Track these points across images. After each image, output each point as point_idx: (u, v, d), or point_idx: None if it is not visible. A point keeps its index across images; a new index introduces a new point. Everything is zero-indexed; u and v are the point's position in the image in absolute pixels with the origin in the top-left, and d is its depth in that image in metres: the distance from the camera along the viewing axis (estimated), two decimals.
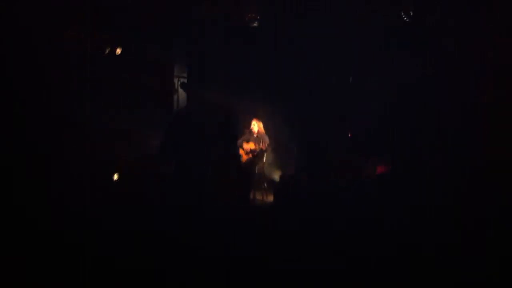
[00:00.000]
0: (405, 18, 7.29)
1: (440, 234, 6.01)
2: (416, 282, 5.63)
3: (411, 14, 7.23)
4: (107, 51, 7.60)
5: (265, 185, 9.08)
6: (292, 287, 5.50)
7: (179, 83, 9.51)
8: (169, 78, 9.18)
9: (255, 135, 8.93)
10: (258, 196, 8.77)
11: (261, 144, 8.83)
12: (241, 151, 8.96)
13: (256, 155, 8.88)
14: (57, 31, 6.54)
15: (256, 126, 8.94)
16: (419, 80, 7.04)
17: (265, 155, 9.06)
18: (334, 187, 7.25)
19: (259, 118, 9.05)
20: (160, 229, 6.41)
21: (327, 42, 8.31)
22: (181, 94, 9.61)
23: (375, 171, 7.32)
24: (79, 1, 6.61)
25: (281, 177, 9.19)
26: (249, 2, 8.48)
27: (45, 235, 5.97)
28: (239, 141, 8.99)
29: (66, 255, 5.85)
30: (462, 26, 6.77)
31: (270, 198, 8.57)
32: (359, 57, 8.09)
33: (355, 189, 6.75)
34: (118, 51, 7.85)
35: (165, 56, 8.66)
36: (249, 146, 8.92)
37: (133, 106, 7.65)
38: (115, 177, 7.12)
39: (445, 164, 6.57)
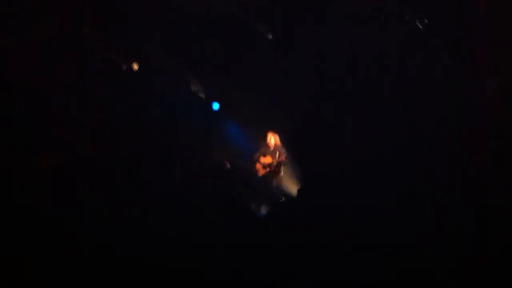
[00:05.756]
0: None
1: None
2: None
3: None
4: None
5: (284, 199, 8.77)
6: None
7: None
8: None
9: (271, 148, 8.73)
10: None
11: (278, 157, 8.67)
12: (258, 166, 8.77)
13: (273, 169, 8.73)
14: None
15: (272, 139, 8.73)
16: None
17: (282, 168, 8.85)
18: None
19: (274, 131, 8.82)
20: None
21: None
22: None
23: None
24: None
25: (299, 191, 9.03)
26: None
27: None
28: (255, 156, 8.79)
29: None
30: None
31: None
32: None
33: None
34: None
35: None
36: (266, 160, 8.72)
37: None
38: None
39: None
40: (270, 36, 8.70)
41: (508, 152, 6.27)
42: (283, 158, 8.63)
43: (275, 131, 8.82)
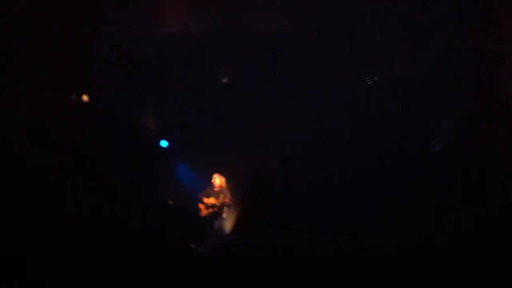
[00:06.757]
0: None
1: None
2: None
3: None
4: None
5: (225, 241, 8.31)
6: None
7: None
8: None
9: (216, 189, 8.39)
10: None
11: (222, 199, 8.33)
12: (200, 206, 8.42)
13: (216, 210, 8.36)
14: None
15: (217, 179, 8.40)
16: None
17: (225, 210, 8.47)
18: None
19: (220, 172, 8.47)
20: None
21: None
22: None
23: None
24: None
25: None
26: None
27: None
28: (199, 195, 8.45)
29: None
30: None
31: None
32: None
33: None
34: None
35: None
36: (210, 200, 8.38)
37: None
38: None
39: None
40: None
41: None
42: (227, 200, 8.31)
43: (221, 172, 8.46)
